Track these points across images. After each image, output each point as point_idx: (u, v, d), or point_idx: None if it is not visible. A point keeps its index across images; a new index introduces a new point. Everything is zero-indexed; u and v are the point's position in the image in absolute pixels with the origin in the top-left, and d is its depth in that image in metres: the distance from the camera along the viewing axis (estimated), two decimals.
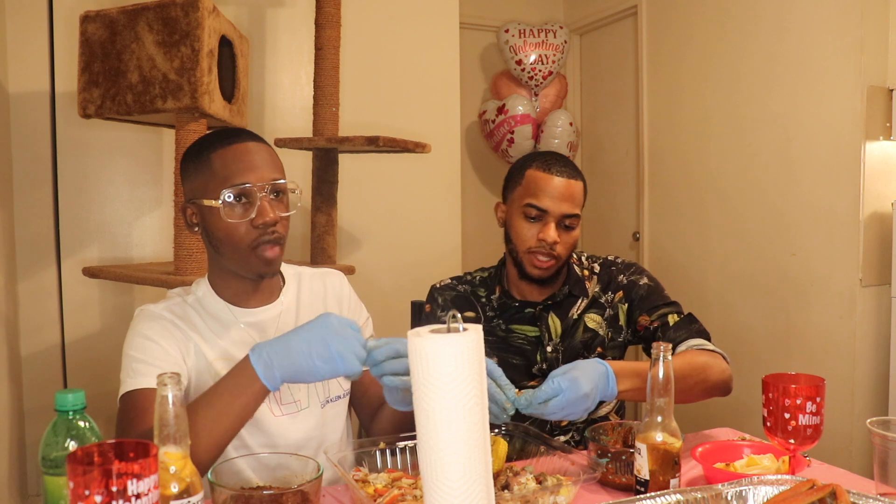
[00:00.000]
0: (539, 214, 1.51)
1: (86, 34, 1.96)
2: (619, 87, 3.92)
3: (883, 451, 1.05)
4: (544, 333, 1.59)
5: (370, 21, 2.86)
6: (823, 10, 2.68)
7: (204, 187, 1.23)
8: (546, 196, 1.51)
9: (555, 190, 1.51)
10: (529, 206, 1.52)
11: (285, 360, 1.06)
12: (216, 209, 1.21)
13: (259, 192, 1.21)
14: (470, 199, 3.98)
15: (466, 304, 1.63)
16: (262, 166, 1.23)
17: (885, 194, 2.62)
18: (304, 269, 1.46)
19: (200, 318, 1.29)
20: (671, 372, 1.06)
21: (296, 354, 1.06)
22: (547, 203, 1.51)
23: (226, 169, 1.22)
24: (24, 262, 2.44)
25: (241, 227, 1.21)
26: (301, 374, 1.07)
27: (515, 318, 1.61)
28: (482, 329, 0.79)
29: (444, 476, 0.77)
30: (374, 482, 1.12)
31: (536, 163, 1.55)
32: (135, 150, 2.58)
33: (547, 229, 1.51)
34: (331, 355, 1.06)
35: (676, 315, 1.57)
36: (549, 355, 1.58)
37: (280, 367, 1.06)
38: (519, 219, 1.54)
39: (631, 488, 1.13)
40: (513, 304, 1.61)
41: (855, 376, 2.61)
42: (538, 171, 1.53)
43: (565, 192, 1.51)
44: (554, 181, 1.51)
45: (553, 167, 1.53)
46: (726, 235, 3.12)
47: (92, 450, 0.74)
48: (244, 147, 1.24)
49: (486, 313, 1.62)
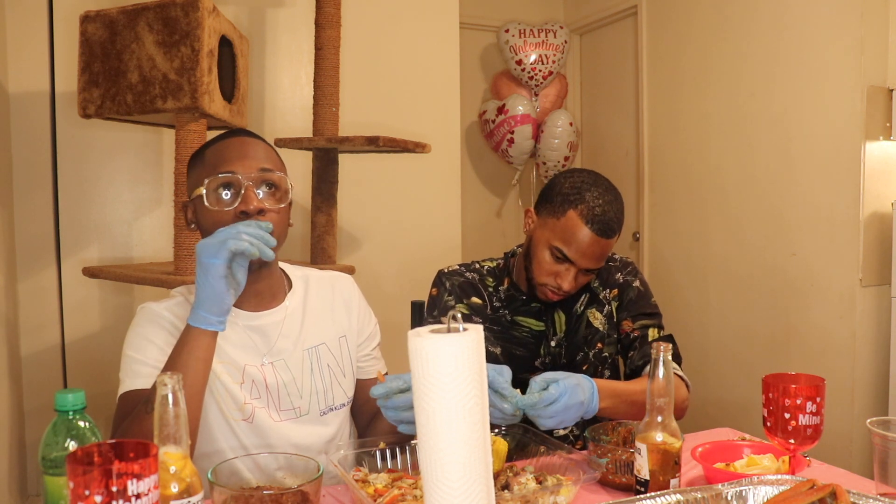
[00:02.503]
0: (564, 260, 1.47)
1: (86, 34, 1.96)
2: (619, 87, 3.92)
3: (883, 451, 1.05)
4: (549, 328, 1.59)
5: (370, 21, 2.86)
6: (823, 9, 2.68)
7: (196, 180, 1.26)
8: (577, 251, 1.45)
9: (588, 248, 1.45)
10: (559, 250, 1.46)
11: (196, 299, 1.14)
12: (202, 198, 1.22)
13: (245, 180, 1.21)
14: (470, 200, 3.98)
15: (474, 291, 1.62)
16: (251, 157, 1.24)
17: (885, 194, 2.62)
18: (313, 271, 1.43)
19: None
20: (671, 372, 1.06)
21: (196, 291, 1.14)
22: (575, 257, 1.46)
23: (215, 159, 1.24)
24: (24, 262, 2.44)
25: (226, 216, 1.21)
26: (206, 292, 1.12)
27: (521, 311, 1.60)
28: (488, 317, 0.79)
29: (444, 476, 0.77)
30: (374, 482, 1.12)
31: (582, 206, 1.45)
32: (135, 150, 2.58)
33: (567, 276, 1.47)
34: (215, 241, 1.11)
35: (657, 330, 1.57)
36: (553, 349, 1.59)
37: (197, 300, 1.13)
38: (543, 251, 1.49)
39: (631, 488, 1.13)
40: (520, 297, 1.61)
41: (855, 376, 2.61)
42: (580, 222, 1.44)
43: (599, 251, 1.46)
44: (590, 239, 1.44)
45: (596, 222, 1.44)
46: (726, 235, 3.12)
47: (92, 450, 0.74)
48: (237, 140, 1.27)
49: (493, 303, 1.61)
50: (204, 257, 1.11)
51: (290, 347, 1.31)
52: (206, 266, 1.10)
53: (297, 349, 1.32)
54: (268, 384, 1.29)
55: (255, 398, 1.28)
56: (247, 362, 1.28)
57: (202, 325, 1.12)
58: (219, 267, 1.10)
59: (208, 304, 1.12)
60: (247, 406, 1.27)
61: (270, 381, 1.29)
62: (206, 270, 1.11)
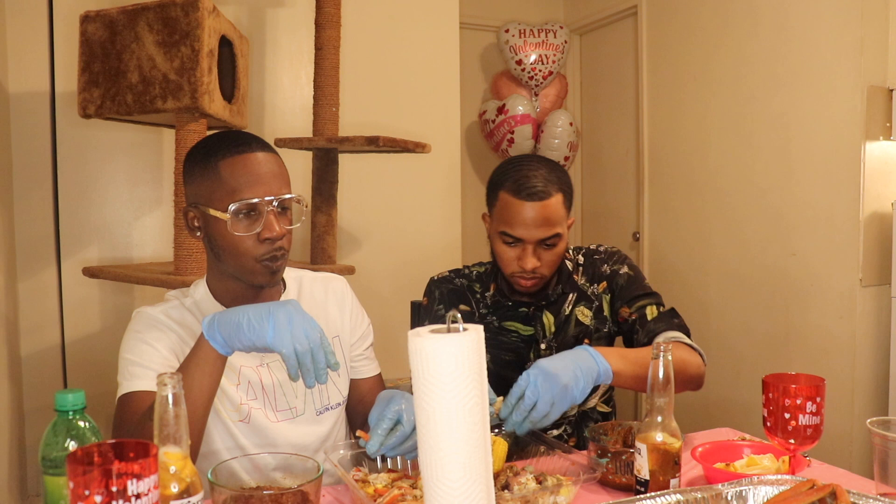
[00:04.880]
0: (515, 241, 1.45)
1: (86, 34, 1.96)
2: (619, 87, 3.92)
3: (883, 451, 1.05)
4: (538, 331, 1.58)
5: (370, 21, 2.86)
6: (823, 10, 2.68)
7: (210, 195, 1.21)
8: (519, 224, 1.43)
9: (527, 217, 1.42)
10: (505, 234, 1.45)
11: (225, 315, 1.09)
12: (223, 221, 1.19)
13: (266, 206, 1.20)
14: (470, 200, 3.98)
15: (461, 299, 1.62)
16: (270, 180, 1.21)
17: (885, 194, 2.62)
18: (306, 272, 1.44)
19: (197, 322, 1.28)
20: (671, 372, 1.06)
21: (234, 311, 1.09)
22: (521, 232, 1.43)
23: (234, 180, 1.20)
24: (24, 262, 2.44)
25: (247, 240, 1.20)
26: (237, 331, 1.07)
27: (509, 316, 1.59)
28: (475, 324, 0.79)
29: (444, 476, 0.77)
30: (374, 482, 1.12)
31: (508, 183, 1.44)
32: (135, 150, 2.58)
33: (525, 255, 1.45)
34: (263, 316, 1.07)
35: (655, 307, 1.54)
36: (543, 352, 1.57)
37: (220, 322, 1.08)
38: (497, 242, 1.48)
39: (631, 488, 1.13)
40: (506, 303, 1.60)
41: (855, 376, 2.61)
42: (509, 196, 1.43)
43: (539, 216, 1.42)
44: (525, 208, 1.42)
45: (522, 190, 1.42)
46: (726, 235, 3.12)
47: (92, 450, 0.74)
48: (253, 158, 1.22)
49: (480, 310, 1.61)
50: (278, 333, 1.06)
51: None
52: (269, 326, 1.06)
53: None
54: (263, 385, 1.30)
55: (251, 399, 1.28)
56: (242, 363, 1.29)
57: (210, 338, 1.10)
58: (268, 342, 1.07)
59: (227, 328, 1.08)
60: (243, 407, 1.27)
61: (266, 381, 1.30)
62: (262, 321, 1.07)
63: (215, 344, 1.09)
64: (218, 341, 1.09)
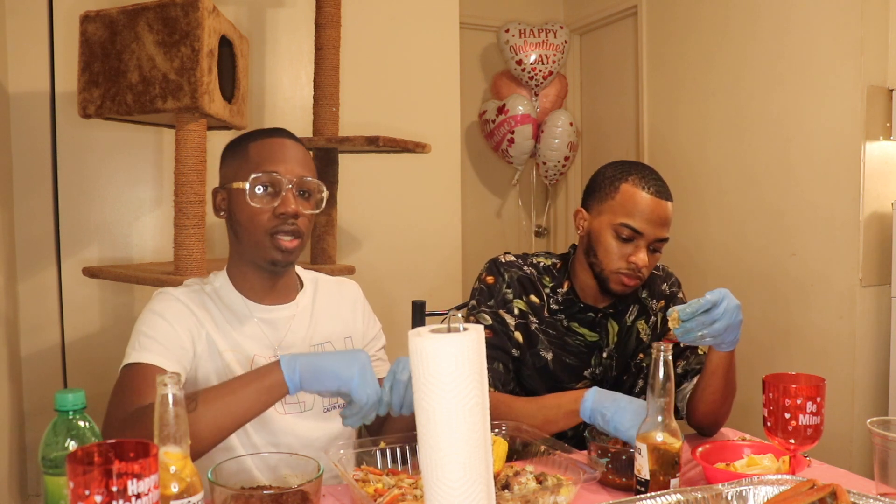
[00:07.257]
0: (632, 236, 1.42)
1: (86, 34, 1.96)
2: (619, 87, 3.92)
3: (883, 451, 1.05)
4: (603, 338, 1.55)
5: (370, 21, 2.86)
6: (823, 10, 2.68)
7: (236, 172, 1.29)
8: (643, 219, 1.41)
9: (653, 213, 1.41)
10: (624, 226, 1.42)
11: (308, 357, 1.11)
12: (243, 191, 1.26)
13: (287, 183, 1.27)
14: (470, 200, 3.98)
15: (532, 288, 1.54)
16: (294, 161, 1.30)
17: (885, 194, 2.62)
18: (322, 275, 1.49)
19: (216, 308, 1.31)
20: (672, 371, 1.06)
21: (317, 355, 1.12)
22: (644, 226, 1.41)
23: (259, 156, 1.28)
24: (24, 262, 2.44)
25: (263, 213, 1.26)
26: (319, 370, 1.09)
27: (577, 318, 1.55)
28: (545, 319, 0.79)
29: (444, 476, 0.77)
30: (374, 482, 1.12)
31: (633, 177, 1.44)
32: (135, 150, 2.58)
33: (639, 253, 1.42)
34: (349, 363, 1.10)
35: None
36: (604, 360, 1.55)
37: (302, 364, 1.10)
38: (608, 236, 1.44)
39: (631, 488, 1.13)
40: (578, 304, 1.55)
41: (855, 376, 2.61)
42: (636, 189, 1.42)
43: (662, 215, 1.42)
44: (652, 202, 1.41)
45: (652, 185, 1.42)
46: (726, 235, 3.12)
47: (92, 450, 0.74)
48: (281, 142, 1.31)
49: (550, 304, 1.55)
50: (365, 384, 1.10)
51: (297, 342, 1.36)
52: (356, 372, 1.10)
53: (305, 345, 1.36)
54: None
55: None
56: (256, 352, 1.31)
57: (287, 374, 1.10)
58: (352, 388, 1.10)
59: (309, 369, 1.10)
60: None
61: None
62: (349, 368, 1.11)
63: (290, 382, 1.10)
64: (294, 381, 1.10)
